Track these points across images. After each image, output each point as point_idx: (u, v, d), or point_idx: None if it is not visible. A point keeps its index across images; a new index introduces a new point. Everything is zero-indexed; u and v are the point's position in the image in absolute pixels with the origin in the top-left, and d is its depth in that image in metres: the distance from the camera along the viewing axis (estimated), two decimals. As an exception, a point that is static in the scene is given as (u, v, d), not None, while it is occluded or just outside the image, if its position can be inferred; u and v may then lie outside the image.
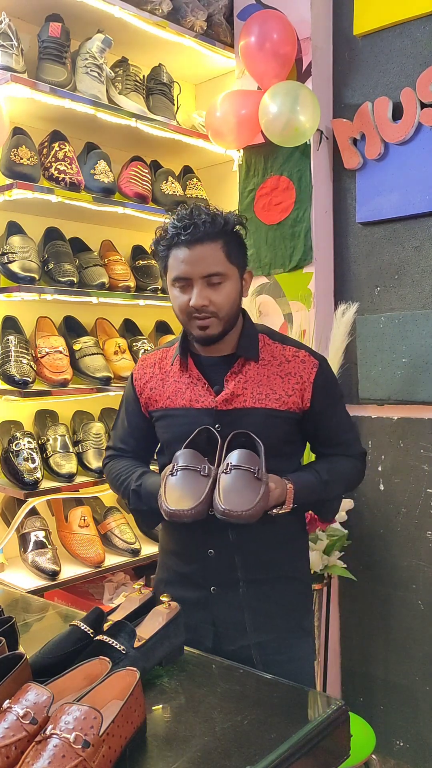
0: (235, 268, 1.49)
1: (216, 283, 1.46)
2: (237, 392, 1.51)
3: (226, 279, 1.47)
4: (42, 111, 2.24)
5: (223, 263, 1.46)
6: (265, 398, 1.51)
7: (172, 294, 1.52)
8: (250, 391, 1.51)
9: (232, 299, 1.49)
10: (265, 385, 1.52)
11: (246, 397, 1.51)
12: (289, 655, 1.54)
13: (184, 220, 1.45)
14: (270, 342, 1.57)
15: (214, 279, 1.45)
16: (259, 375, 1.52)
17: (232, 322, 1.51)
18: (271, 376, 1.53)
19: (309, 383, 1.52)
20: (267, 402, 1.51)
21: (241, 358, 1.53)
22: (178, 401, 1.56)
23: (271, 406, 1.51)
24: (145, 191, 2.46)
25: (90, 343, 2.36)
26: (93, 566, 2.21)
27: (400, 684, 2.47)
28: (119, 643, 1.12)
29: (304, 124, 2.31)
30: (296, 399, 1.52)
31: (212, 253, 1.45)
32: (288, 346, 1.56)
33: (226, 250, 1.46)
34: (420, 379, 2.32)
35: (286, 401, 1.51)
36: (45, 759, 0.82)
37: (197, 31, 2.53)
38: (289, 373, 1.53)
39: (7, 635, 1.15)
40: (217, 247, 1.45)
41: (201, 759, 0.96)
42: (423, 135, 2.29)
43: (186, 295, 1.47)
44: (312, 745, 1.00)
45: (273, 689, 1.16)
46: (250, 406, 1.51)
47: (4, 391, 2.17)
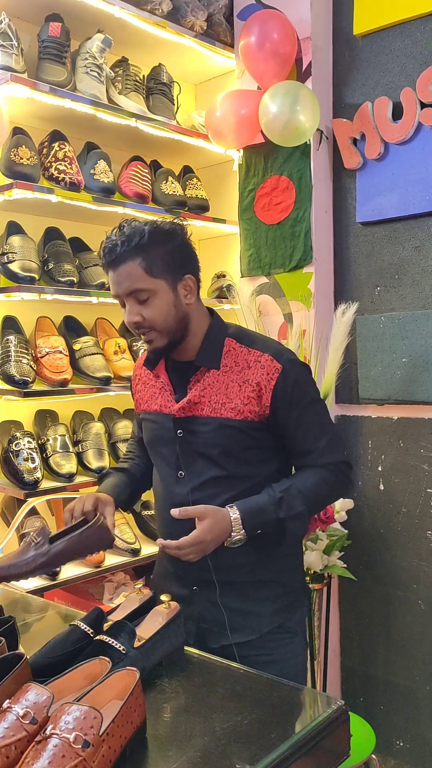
0: (160, 281, 1.46)
1: (143, 299, 1.45)
2: (195, 400, 1.50)
3: (152, 294, 1.45)
4: (42, 111, 2.24)
5: (143, 279, 1.44)
6: (221, 407, 1.49)
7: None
8: (207, 399, 1.50)
9: (165, 312, 1.47)
10: (222, 393, 1.49)
11: (203, 406, 1.50)
12: (271, 656, 1.54)
13: (106, 242, 1.47)
14: (236, 346, 1.53)
15: (139, 296, 1.45)
16: (218, 383, 1.50)
17: (177, 332, 1.50)
18: (230, 384, 1.50)
19: (268, 389, 1.48)
20: (222, 411, 1.49)
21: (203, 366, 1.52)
22: (152, 405, 1.60)
23: (226, 416, 1.48)
24: (145, 191, 2.46)
25: (90, 343, 2.36)
26: (93, 566, 2.21)
27: (400, 684, 2.47)
28: (119, 643, 1.12)
29: (304, 124, 2.31)
30: (253, 407, 1.48)
31: (131, 271, 1.44)
32: (253, 350, 1.52)
33: (145, 266, 1.44)
34: (420, 379, 2.32)
35: (242, 410, 1.48)
36: (45, 759, 0.82)
37: (197, 31, 2.53)
38: (247, 380, 1.49)
39: (7, 635, 1.15)
40: (134, 264, 1.44)
41: (201, 759, 0.96)
42: (423, 135, 2.29)
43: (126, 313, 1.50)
44: (312, 745, 1.00)
45: (273, 689, 1.16)
46: (206, 415, 1.50)
47: (4, 391, 2.17)
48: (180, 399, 1.53)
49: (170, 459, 1.56)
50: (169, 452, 1.56)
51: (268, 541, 1.50)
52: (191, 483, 1.53)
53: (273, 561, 1.56)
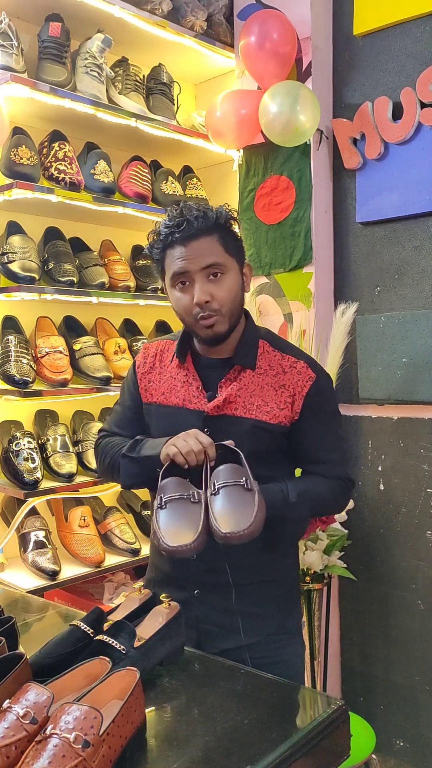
0: (233, 260, 1.46)
1: (216, 276, 1.44)
2: (229, 399, 1.49)
3: (226, 270, 1.44)
4: (42, 111, 2.24)
5: (221, 254, 1.44)
6: (255, 409, 1.48)
7: (173, 296, 1.49)
8: (242, 399, 1.49)
9: (234, 293, 1.46)
10: (257, 395, 1.49)
11: (237, 405, 1.49)
12: (274, 658, 1.52)
13: (176, 219, 1.44)
14: (270, 350, 1.53)
15: (214, 270, 1.43)
16: (254, 384, 1.49)
17: (236, 318, 1.49)
18: (266, 387, 1.49)
19: (301, 396, 1.49)
20: (257, 413, 1.48)
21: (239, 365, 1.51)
22: (172, 399, 1.54)
23: (261, 418, 1.48)
24: (145, 191, 2.46)
25: (90, 343, 2.36)
26: (93, 566, 2.21)
27: (400, 684, 2.47)
28: (119, 643, 1.12)
29: (304, 124, 2.31)
30: (287, 412, 1.48)
31: (208, 246, 1.43)
32: (287, 356, 1.52)
33: (222, 242, 1.44)
34: (420, 379, 2.32)
35: (277, 414, 1.48)
36: (45, 759, 0.82)
37: (197, 30, 2.53)
38: (283, 385, 1.49)
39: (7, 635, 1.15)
40: (212, 240, 1.43)
41: (201, 759, 0.96)
42: (423, 135, 2.29)
43: (187, 295, 1.45)
44: (312, 745, 1.00)
45: (273, 689, 1.16)
46: (240, 416, 1.48)
47: (4, 391, 2.17)
48: (212, 396, 1.50)
49: None
50: None
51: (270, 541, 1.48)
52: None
53: (275, 561, 1.55)
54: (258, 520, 1.28)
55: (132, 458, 1.50)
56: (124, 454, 1.51)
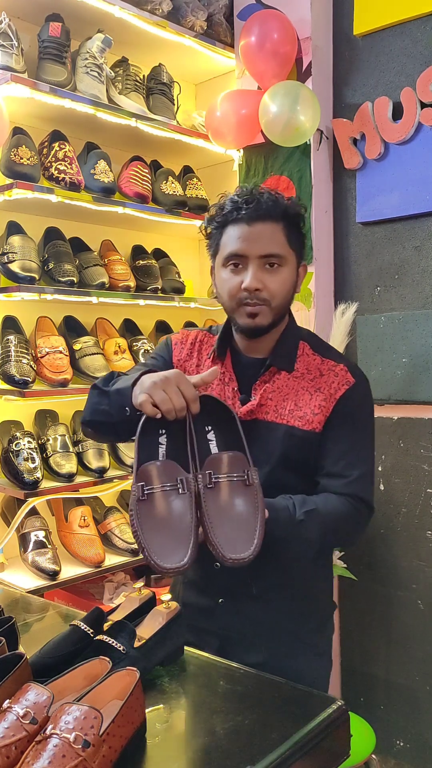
0: (294, 255, 1.39)
1: (272, 266, 1.36)
2: (261, 402, 1.40)
3: (284, 263, 1.37)
4: (42, 111, 2.24)
5: (283, 245, 1.36)
6: (288, 414, 1.39)
7: (220, 277, 1.40)
8: (274, 403, 1.40)
9: (287, 288, 1.38)
10: (291, 400, 1.39)
11: (269, 409, 1.40)
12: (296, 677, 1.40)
13: (245, 196, 1.36)
14: (309, 352, 1.44)
15: (272, 260, 1.35)
16: (288, 387, 1.40)
17: (282, 315, 1.41)
18: (300, 391, 1.40)
19: (334, 399, 1.38)
20: (290, 419, 1.38)
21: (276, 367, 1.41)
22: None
23: (294, 424, 1.38)
24: (145, 191, 2.46)
25: (90, 343, 2.36)
26: (93, 566, 2.21)
27: (400, 684, 2.47)
28: (119, 643, 1.12)
29: (304, 124, 2.31)
30: (321, 417, 1.38)
31: (273, 233, 1.35)
32: (327, 360, 1.43)
33: (286, 233, 1.36)
34: (420, 379, 2.32)
35: (311, 420, 1.38)
36: (45, 759, 0.82)
37: (197, 30, 2.53)
38: (319, 388, 1.39)
39: (7, 635, 1.15)
40: (278, 228, 1.35)
41: (201, 759, 0.96)
42: (423, 135, 2.29)
43: (238, 277, 1.36)
44: (312, 745, 1.00)
45: (273, 689, 1.16)
46: (272, 420, 1.39)
47: (4, 391, 2.17)
48: (245, 399, 1.41)
49: None
50: None
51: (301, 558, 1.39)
52: None
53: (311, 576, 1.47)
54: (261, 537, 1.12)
55: (102, 390, 1.33)
56: (95, 385, 1.38)
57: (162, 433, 1.21)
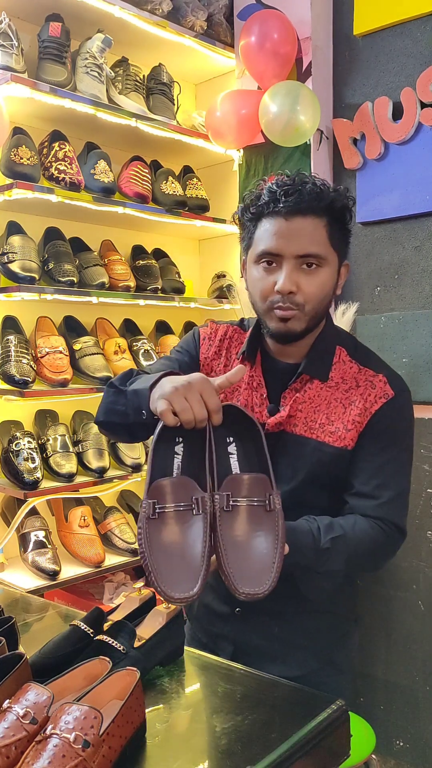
0: (335, 255, 1.25)
1: (310, 266, 1.22)
2: (291, 413, 1.29)
3: (324, 264, 1.23)
4: (42, 111, 2.24)
5: (323, 245, 1.22)
6: (318, 428, 1.28)
7: (252, 275, 1.28)
8: (304, 415, 1.28)
9: (326, 291, 1.25)
10: (323, 412, 1.28)
11: (297, 422, 1.28)
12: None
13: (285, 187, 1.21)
14: (347, 359, 1.32)
15: (309, 260, 1.21)
16: (320, 398, 1.28)
17: (318, 320, 1.28)
18: (333, 403, 1.28)
19: (369, 413, 1.26)
20: (319, 434, 1.27)
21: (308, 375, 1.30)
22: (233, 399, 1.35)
23: (323, 440, 1.27)
24: (145, 191, 2.46)
25: (90, 343, 2.36)
26: (93, 566, 2.21)
27: (400, 684, 2.47)
28: (119, 643, 1.12)
29: (304, 124, 2.31)
30: (354, 434, 1.26)
31: (313, 230, 1.21)
32: (366, 369, 1.31)
33: (329, 230, 1.22)
34: (420, 379, 2.32)
35: (343, 437, 1.27)
36: (45, 759, 0.81)
37: (197, 30, 2.53)
38: (353, 401, 1.27)
39: (7, 635, 1.15)
40: (320, 224, 1.21)
41: (201, 759, 0.96)
42: (423, 135, 2.29)
43: (271, 277, 1.23)
44: (312, 745, 1.00)
45: (273, 689, 1.16)
46: (299, 434, 1.28)
47: (4, 391, 2.17)
48: (274, 409, 1.30)
49: None
50: None
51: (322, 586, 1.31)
52: None
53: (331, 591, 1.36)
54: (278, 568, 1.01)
55: (119, 389, 1.23)
56: (111, 383, 1.26)
57: (179, 441, 1.12)
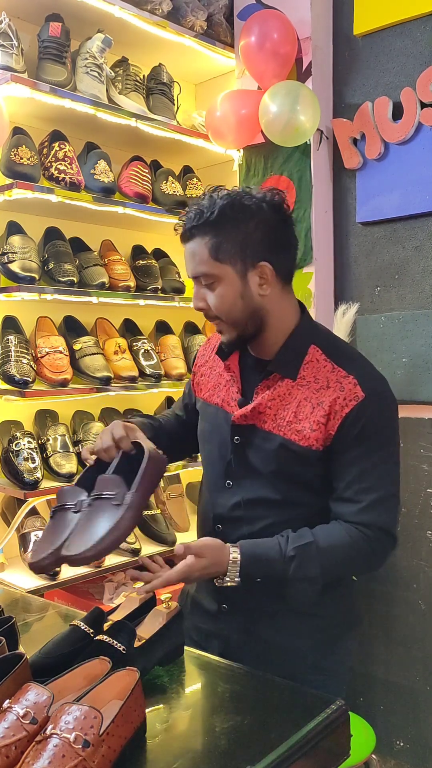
0: (226, 267, 1.27)
1: (208, 284, 1.29)
2: (259, 409, 1.33)
3: (216, 280, 1.28)
4: (42, 111, 2.24)
5: (207, 263, 1.27)
6: (285, 426, 1.30)
7: None
8: (273, 411, 1.31)
9: (230, 302, 1.28)
10: (291, 409, 1.30)
11: (266, 418, 1.32)
12: None
13: (188, 210, 1.31)
14: (320, 358, 1.32)
15: (202, 279, 1.29)
16: (290, 396, 1.31)
17: (248, 326, 1.31)
18: (303, 402, 1.29)
19: (339, 416, 1.26)
20: (286, 431, 1.30)
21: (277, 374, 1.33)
22: (215, 398, 1.42)
23: (290, 437, 1.29)
24: (145, 191, 2.46)
25: (90, 343, 2.36)
26: (93, 566, 2.21)
27: (400, 684, 2.47)
28: (119, 643, 1.12)
29: (304, 124, 2.31)
30: (320, 435, 1.27)
31: (197, 251, 1.27)
32: (339, 368, 1.30)
33: (211, 246, 1.26)
34: (420, 379, 2.32)
35: (308, 436, 1.28)
36: (45, 759, 0.82)
37: (197, 30, 2.53)
38: (321, 402, 1.27)
39: (7, 635, 1.15)
40: (202, 243, 1.26)
41: (201, 759, 0.96)
42: (423, 135, 2.29)
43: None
44: (312, 745, 1.00)
45: (273, 689, 1.16)
46: (268, 430, 1.32)
47: (4, 391, 2.17)
48: (244, 403, 1.35)
49: (220, 463, 1.40)
50: (220, 455, 1.40)
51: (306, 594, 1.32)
52: (238, 496, 1.37)
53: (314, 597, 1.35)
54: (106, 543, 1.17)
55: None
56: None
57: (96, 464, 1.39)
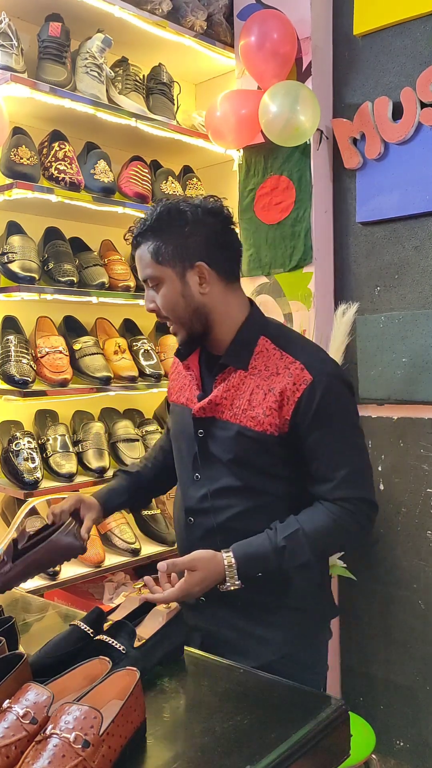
0: (167, 269, 1.39)
1: (154, 286, 1.42)
2: (216, 401, 1.41)
3: (159, 281, 1.40)
4: (42, 111, 2.24)
5: (150, 265, 1.40)
6: (241, 414, 1.38)
7: None
8: (229, 402, 1.40)
9: (172, 302, 1.40)
10: (245, 398, 1.38)
11: (224, 409, 1.40)
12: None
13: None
14: (270, 347, 1.41)
15: (149, 282, 1.42)
16: (244, 386, 1.39)
17: (194, 324, 1.41)
18: (255, 390, 1.38)
19: (291, 402, 1.34)
20: (242, 418, 1.38)
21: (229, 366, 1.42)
22: (181, 397, 1.53)
23: (246, 424, 1.37)
24: (145, 191, 2.46)
25: (90, 343, 2.36)
26: (93, 566, 2.21)
27: (400, 684, 2.47)
28: (119, 643, 1.12)
29: (304, 124, 2.31)
30: (273, 420, 1.35)
31: (141, 256, 1.42)
32: (287, 355, 1.38)
33: (153, 251, 1.39)
34: (420, 379, 2.32)
35: (262, 422, 1.35)
36: (45, 759, 0.82)
37: (197, 30, 2.53)
38: (272, 388, 1.36)
39: (7, 635, 1.15)
40: (146, 249, 1.40)
41: (201, 759, 0.96)
42: (423, 135, 2.29)
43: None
44: (312, 745, 1.00)
45: (273, 689, 1.16)
46: (226, 419, 1.40)
47: (4, 391, 2.17)
48: (203, 397, 1.44)
49: (189, 458, 1.49)
50: (188, 451, 1.49)
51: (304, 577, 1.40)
52: (206, 488, 1.44)
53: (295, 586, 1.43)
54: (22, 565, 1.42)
55: None
56: None
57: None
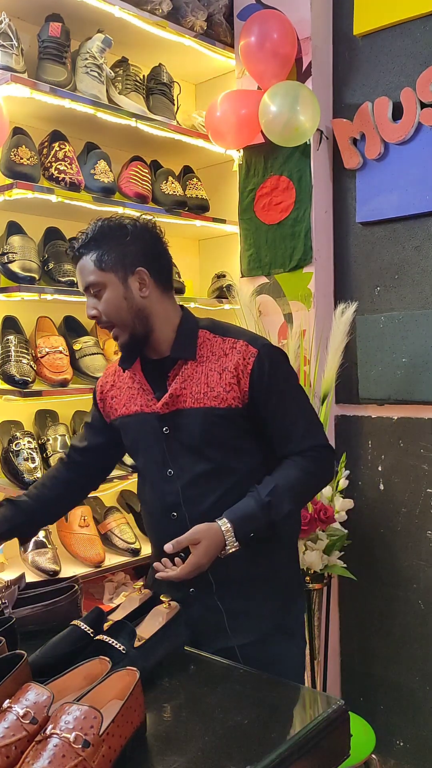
0: (110, 274, 1.50)
1: (96, 293, 1.50)
2: (176, 393, 1.51)
3: (102, 287, 1.50)
4: (42, 111, 2.24)
5: (93, 273, 1.49)
6: (203, 397, 1.50)
7: None
8: (189, 391, 1.51)
9: (116, 305, 1.50)
10: (203, 383, 1.50)
11: (186, 398, 1.51)
12: (269, 659, 1.50)
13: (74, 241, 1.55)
14: (210, 336, 1.55)
15: (91, 289, 1.50)
16: (198, 373, 1.52)
17: (136, 326, 1.51)
18: (210, 373, 1.51)
19: (246, 374, 1.49)
20: (206, 401, 1.50)
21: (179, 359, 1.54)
22: (132, 407, 1.60)
23: (210, 405, 1.49)
24: (145, 191, 2.46)
25: (90, 343, 2.36)
26: (93, 566, 2.21)
27: (400, 684, 2.47)
28: (119, 643, 1.12)
29: (304, 124, 2.31)
30: (235, 393, 1.49)
31: (84, 266, 1.51)
32: (228, 338, 1.54)
33: (96, 259, 1.49)
34: (420, 379, 2.32)
35: (225, 398, 1.49)
36: (45, 759, 0.82)
37: (197, 31, 2.53)
38: (226, 367, 1.50)
39: (7, 635, 1.15)
40: (88, 258, 1.50)
41: (201, 759, 0.96)
42: (423, 135, 2.29)
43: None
44: (312, 745, 1.00)
45: (273, 689, 1.16)
46: (190, 407, 1.50)
47: (4, 391, 2.17)
48: (161, 396, 1.53)
49: (158, 458, 1.56)
50: (156, 451, 1.56)
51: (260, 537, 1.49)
52: (181, 480, 1.53)
53: (268, 555, 1.55)
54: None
55: None
56: None
57: None
